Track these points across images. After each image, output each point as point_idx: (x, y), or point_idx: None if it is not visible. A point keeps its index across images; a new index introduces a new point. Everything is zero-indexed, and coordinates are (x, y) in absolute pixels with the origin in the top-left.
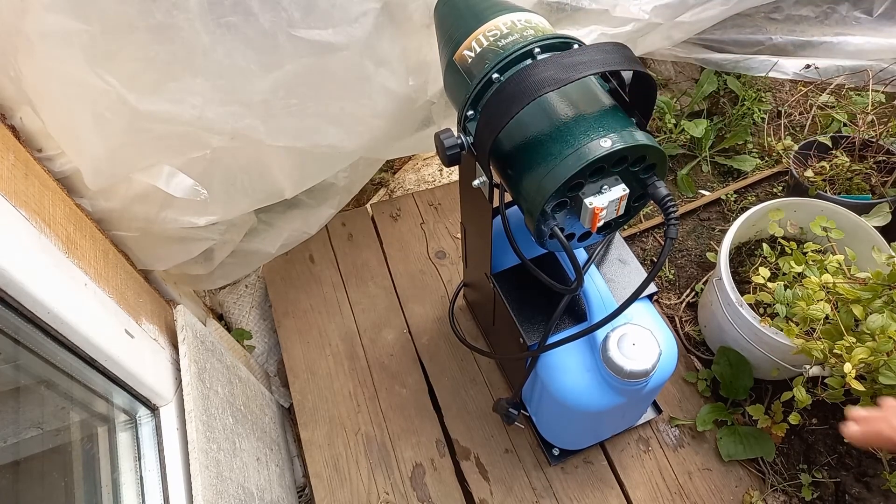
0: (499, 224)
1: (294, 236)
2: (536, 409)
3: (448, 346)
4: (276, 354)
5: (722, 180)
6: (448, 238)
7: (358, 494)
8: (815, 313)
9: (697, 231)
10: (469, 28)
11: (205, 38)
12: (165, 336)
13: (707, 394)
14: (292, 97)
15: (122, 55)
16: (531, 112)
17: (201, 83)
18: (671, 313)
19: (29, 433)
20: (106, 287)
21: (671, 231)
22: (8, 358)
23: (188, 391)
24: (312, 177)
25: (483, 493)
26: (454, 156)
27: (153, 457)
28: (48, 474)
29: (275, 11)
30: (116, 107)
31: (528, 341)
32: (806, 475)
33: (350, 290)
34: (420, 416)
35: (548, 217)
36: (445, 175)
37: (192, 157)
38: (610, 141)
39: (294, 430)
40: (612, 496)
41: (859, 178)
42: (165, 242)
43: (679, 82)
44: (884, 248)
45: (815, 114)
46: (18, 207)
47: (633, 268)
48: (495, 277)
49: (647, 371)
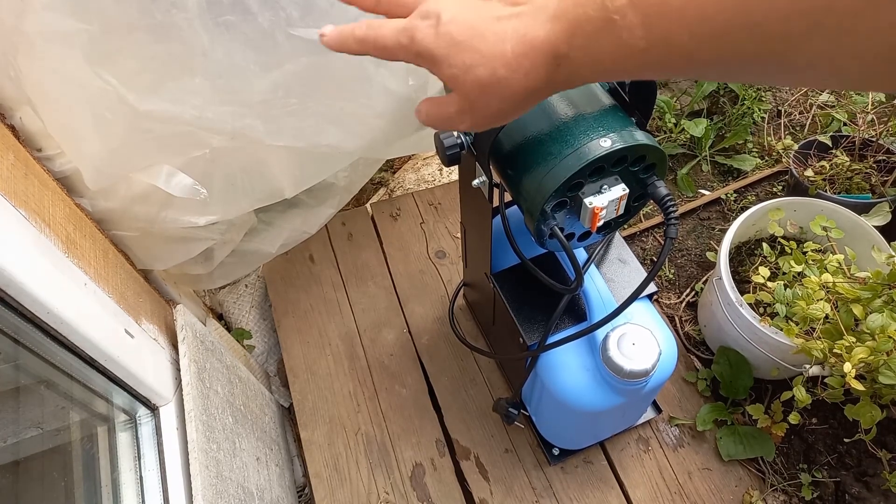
0: (499, 224)
1: (294, 236)
2: (536, 408)
3: (448, 345)
4: (276, 354)
5: (722, 180)
6: (448, 238)
7: (358, 494)
8: (815, 313)
9: (697, 231)
10: None
11: (204, 38)
12: (165, 336)
13: (707, 393)
14: (292, 97)
15: (121, 55)
16: (531, 112)
17: (200, 83)
18: (671, 313)
19: (29, 433)
20: (106, 287)
21: (671, 231)
22: (8, 358)
23: (188, 391)
24: (312, 176)
25: (483, 493)
26: (454, 155)
27: (153, 456)
28: (48, 474)
29: (273, 10)
30: (116, 106)
31: (527, 341)
32: (806, 475)
33: (350, 289)
34: (420, 416)
35: (548, 217)
36: (445, 175)
37: (192, 157)
38: (610, 141)
39: (294, 430)
40: (611, 496)
41: (859, 178)
42: (165, 242)
43: (679, 81)
44: (884, 248)
45: (815, 113)
46: (18, 207)
47: (633, 267)
48: (495, 277)
49: (646, 371)
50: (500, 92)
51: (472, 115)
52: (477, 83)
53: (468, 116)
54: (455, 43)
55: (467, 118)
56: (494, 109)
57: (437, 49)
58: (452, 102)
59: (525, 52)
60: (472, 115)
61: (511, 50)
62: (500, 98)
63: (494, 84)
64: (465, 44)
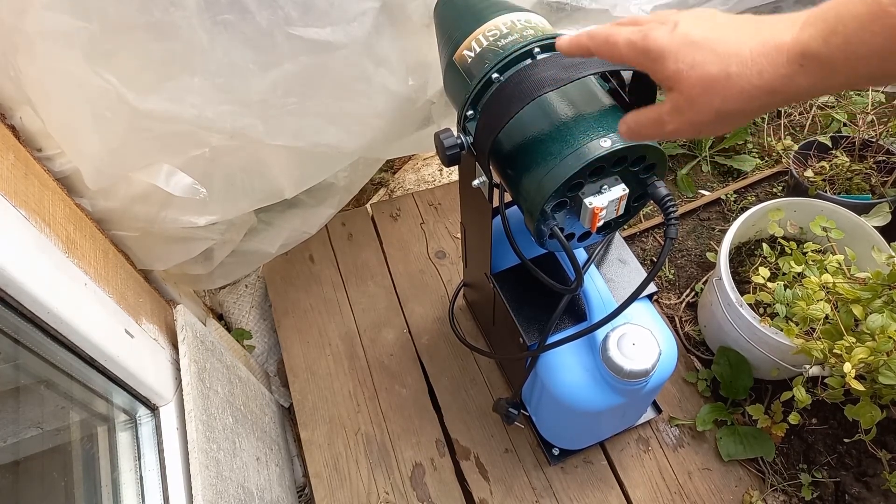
0: (499, 224)
1: (294, 236)
2: (536, 408)
3: (448, 345)
4: (276, 354)
5: (722, 180)
6: (448, 238)
7: (358, 494)
8: (815, 313)
9: (697, 231)
10: (469, 28)
11: (203, 37)
12: (165, 336)
13: (707, 394)
14: (291, 96)
15: (121, 54)
16: (531, 112)
17: (200, 82)
18: (671, 313)
19: (29, 433)
20: (106, 287)
21: (671, 231)
22: (8, 358)
23: (188, 391)
24: (312, 176)
25: (483, 493)
26: (454, 156)
27: (153, 456)
28: (48, 474)
29: (272, 10)
30: (116, 106)
31: (527, 341)
32: (806, 475)
33: (350, 289)
34: (420, 416)
35: (547, 217)
36: (445, 175)
37: (192, 157)
38: (610, 141)
39: (294, 430)
40: (611, 496)
41: (859, 178)
42: (165, 242)
43: None
44: (884, 248)
45: (815, 113)
46: (18, 207)
47: (632, 268)
48: (495, 277)
49: (646, 371)
50: (725, 90)
51: (686, 115)
52: (703, 79)
53: (681, 116)
54: (690, 42)
55: (678, 118)
56: (714, 110)
57: (669, 45)
58: (666, 102)
59: (766, 52)
60: (687, 114)
61: (749, 51)
62: (723, 97)
63: (722, 80)
64: (700, 44)
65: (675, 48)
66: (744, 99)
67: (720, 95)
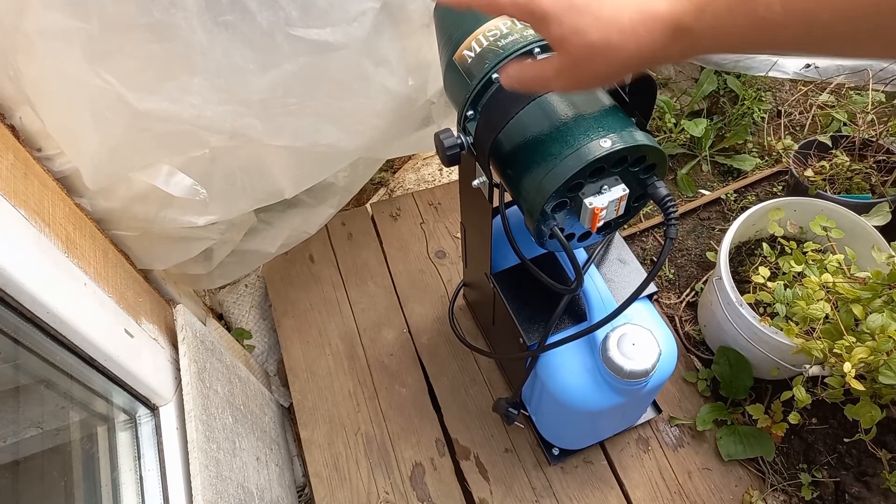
0: (499, 224)
1: (294, 236)
2: (536, 408)
3: (448, 345)
4: (276, 354)
5: (722, 180)
6: (448, 238)
7: (358, 494)
8: (815, 313)
9: (697, 231)
10: (469, 28)
11: (202, 37)
12: (165, 336)
13: (707, 393)
14: (291, 96)
15: (121, 54)
16: (531, 112)
17: (200, 82)
18: (671, 313)
19: (29, 433)
20: (106, 287)
21: (671, 231)
22: (7, 358)
23: (188, 391)
24: (312, 176)
25: (483, 493)
26: (454, 156)
27: (153, 456)
28: (48, 474)
29: (272, 10)
30: (116, 106)
31: (527, 341)
32: (806, 475)
33: (350, 289)
34: (420, 416)
35: (548, 217)
36: (445, 175)
37: (192, 157)
38: (610, 141)
39: (294, 430)
40: (611, 496)
41: (859, 178)
42: (165, 242)
43: (679, 82)
44: (884, 248)
45: (815, 113)
46: (18, 207)
47: (632, 268)
48: (495, 277)
49: (646, 371)
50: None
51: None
52: (587, 46)
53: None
54: (571, 5)
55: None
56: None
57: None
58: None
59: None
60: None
61: (629, 19)
62: (606, 63)
63: (605, 48)
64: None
65: (560, 12)
66: (623, 64)
67: (603, 61)
